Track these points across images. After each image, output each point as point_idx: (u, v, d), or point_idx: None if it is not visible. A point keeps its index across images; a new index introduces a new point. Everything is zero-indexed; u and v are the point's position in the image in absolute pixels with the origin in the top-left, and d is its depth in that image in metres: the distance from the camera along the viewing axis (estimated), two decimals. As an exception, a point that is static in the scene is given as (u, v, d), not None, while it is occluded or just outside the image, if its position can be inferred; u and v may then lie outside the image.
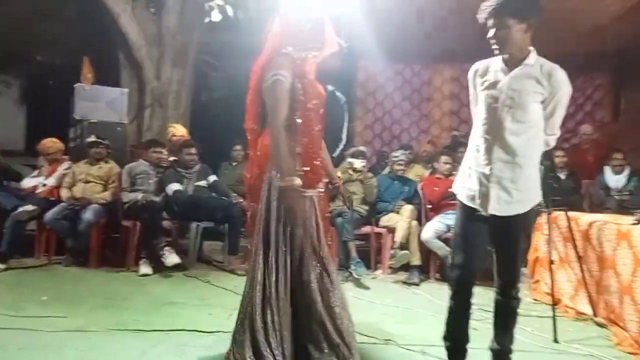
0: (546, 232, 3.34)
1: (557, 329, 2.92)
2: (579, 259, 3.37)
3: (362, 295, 3.98)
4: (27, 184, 5.29)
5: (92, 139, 5.13)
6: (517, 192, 2.12)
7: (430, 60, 7.39)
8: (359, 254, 4.51)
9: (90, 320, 3.07)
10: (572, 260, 3.53)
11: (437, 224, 4.56)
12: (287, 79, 2.21)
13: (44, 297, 3.56)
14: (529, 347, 2.78)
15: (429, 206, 4.93)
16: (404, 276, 4.53)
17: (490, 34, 2.09)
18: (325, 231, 2.37)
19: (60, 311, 3.23)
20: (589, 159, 6.15)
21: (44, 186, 5.16)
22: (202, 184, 5.04)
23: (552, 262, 3.18)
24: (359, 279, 4.33)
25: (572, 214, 3.55)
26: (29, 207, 4.74)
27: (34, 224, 4.90)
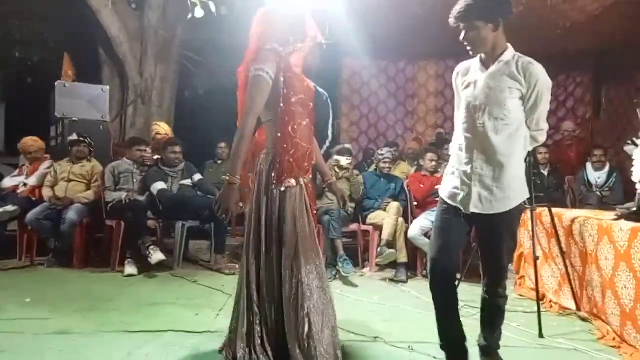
0: (530, 228, 3.39)
1: (542, 324, 2.96)
2: (563, 254, 3.42)
3: (350, 293, 3.99)
4: (8, 183, 5.19)
5: (74, 137, 5.05)
6: (499, 191, 2.12)
7: (414, 57, 7.44)
8: (346, 252, 4.52)
9: (74, 322, 3.03)
10: (556, 255, 3.58)
11: (423, 221, 4.59)
12: (269, 74, 2.22)
13: (26, 299, 3.50)
14: (514, 343, 2.82)
15: (415, 203, 4.97)
16: (391, 274, 4.55)
17: (461, 37, 2.15)
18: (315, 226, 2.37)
19: (43, 313, 3.18)
20: (571, 155, 6.27)
21: (25, 186, 5.07)
22: (187, 182, 4.99)
23: (536, 258, 3.22)
24: (346, 276, 4.33)
25: (555, 210, 3.61)
26: (10, 208, 4.66)
27: (15, 225, 4.82)
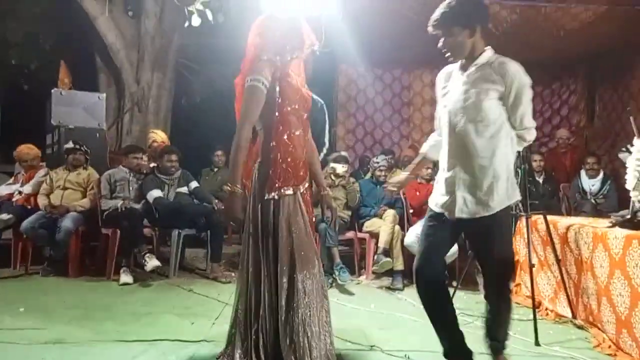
0: (526, 236, 3.40)
1: (538, 332, 2.97)
2: (558, 261, 3.43)
3: (346, 301, 3.99)
4: (3, 191, 5.18)
5: (70, 145, 5.04)
6: (483, 194, 2.12)
7: (410, 65, 7.47)
8: (342, 260, 4.52)
9: (69, 331, 3.01)
10: (551, 263, 3.59)
11: (419, 229, 4.57)
12: (264, 83, 2.24)
13: (21, 309, 3.48)
14: (511, 351, 2.81)
15: (411, 211, 4.97)
16: (388, 281, 4.55)
17: (439, 44, 2.18)
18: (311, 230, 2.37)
19: (38, 323, 3.16)
20: (566, 162, 6.31)
21: (20, 194, 5.06)
22: (184, 190, 4.99)
23: (532, 266, 3.23)
24: (343, 284, 4.33)
25: (550, 217, 3.62)
26: (5, 216, 4.65)
27: (9, 233, 4.80)
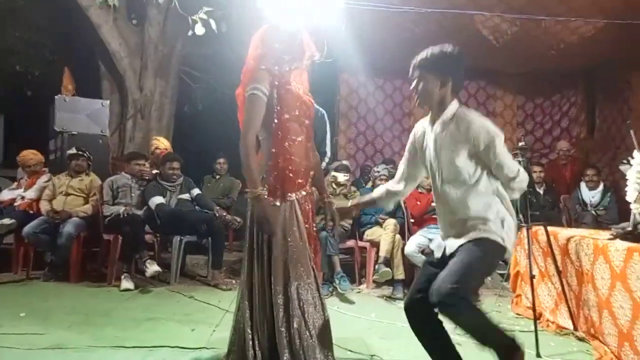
0: (526, 247, 3.40)
1: (539, 344, 2.96)
2: (559, 273, 3.43)
3: (347, 309, 3.98)
4: (5, 196, 5.19)
5: (73, 151, 5.06)
6: (465, 238, 2.12)
7: (410, 77, 7.51)
8: (343, 268, 4.52)
9: (69, 336, 3.01)
10: (552, 274, 3.60)
11: (419, 238, 4.61)
12: (264, 92, 2.27)
13: (21, 314, 3.48)
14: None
15: (412, 220, 4.99)
16: (389, 291, 4.55)
17: (411, 86, 2.21)
18: (311, 242, 2.37)
19: (38, 328, 3.16)
20: (566, 174, 6.33)
21: (22, 199, 5.06)
22: (185, 197, 5.00)
23: (532, 277, 3.24)
24: (343, 293, 4.33)
25: (551, 228, 3.63)
26: (7, 221, 4.65)
27: (11, 238, 4.80)
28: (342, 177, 5.07)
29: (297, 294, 2.22)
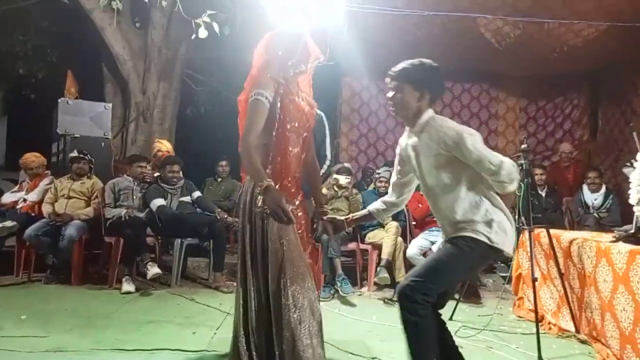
0: (528, 249, 3.39)
1: (541, 346, 2.94)
2: (561, 275, 3.42)
3: (348, 312, 3.98)
4: (8, 199, 5.20)
5: (74, 154, 5.07)
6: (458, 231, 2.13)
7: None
8: (344, 271, 4.52)
9: (70, 339, 3.01)
10: (554, 277, 3.58)
11: (421, 241, 4.60)
12: (267, 99, 2.26)
13: (23, 316, 3.48)
14: (513, 365, 2.81)
15: (414, 223, 4.98)
16: (390, 293, 4.54)
17: (388, 95, 2.22)
18: (305, 248, 2.34)
19: (39, 330, 3.16)
20: (569, 176, 6.31)
21: (24, 201, 5.07)
22: (186, 199, 5.01)
23: (534, 279, 3.22)
24: (345, 296, 4.32)
25: (553, 231, 3.62)
26: (9, 223, 4.65)
27: (13, 240, 4.80)
28: (343, 179, 5.07)
29: (293, 300, 2.18)
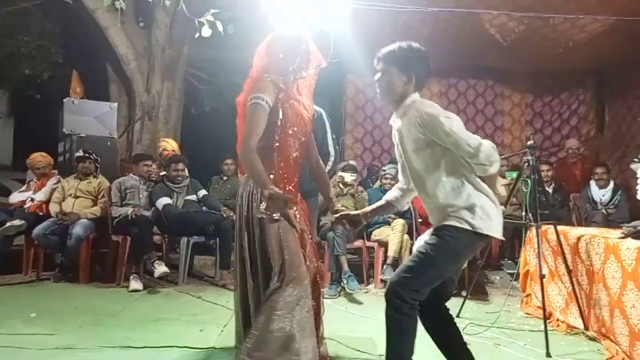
0: (536, 246, 3.38)
1: (549, 343, 2.94)
2: (569, 272, 3.40)
3: (355, 309, 3.98)
4: (15, 198, 5.24)
5: (80, 153, 5.09)
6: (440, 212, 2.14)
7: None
8: (350, 269, 4.51)
9: (79, 337, 3.03)
10: (562, 273, 3.56)
11: (428, 238, 4.58)
12: (268, 103, 2.21)
13: (32, 314, 3.50)
14: (522, 362, 2.80)
15: (420, 220, 4.97)
16: (396, 290, 4.53)
17: (375, 77, 2.20)
18: (305, 247, 2.30)
19: (48, 328, 3.18)
20: (576, 172, 6.27)
21: (32, 201, 5.10)
22: (192, 198, 5.02)
23: (542, 276, 3.21)
24: (351, 293, 4.32)
25: (561, 227, 3.60)
26: (17, 222, 4.67)
27: (21, 239, 4.83)
28: (349, 177, 5.06)
29: (288, 297, 2.12)
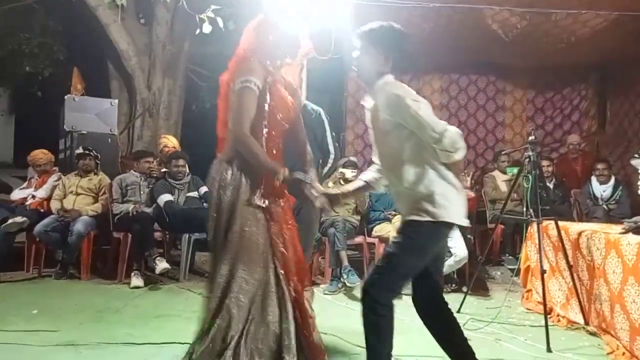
0: (537, 242, 3.37)
1: (549, 338, 2.94)
2: (570, 267, 3.40)
3: (355, 305, 3.96)
4: (17, 195, 5.24)
5: (80, 150, 5.10)
6: (407, 204, 2.10)
7: (419, 71, 7.46)
8: (351, 265, 4.51)
9: (81, 333, 3.04)
10: (563, 269, 3.56)
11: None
12: (257, 87, 2.13)
13: (34, 311, 3.52)
14: (521, 357, 2.81)
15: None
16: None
17: (353, 54, 2.17)
18: (293, 245, 2.26)
19: (50, 325, 3.19)
20: (577, 168, 6.26)
21: (33, 198, 5.11)
22: (194, 195, 5.02)
23: (543, 272, 3.21)
24: (352, 287, 4.33)
25: (561, 223, 3.60)
26: (19, 219, 4.67)
27: (23, 236, 4.84)
28: (350, 173, 5.05)
29: (239, 287, 2.11)
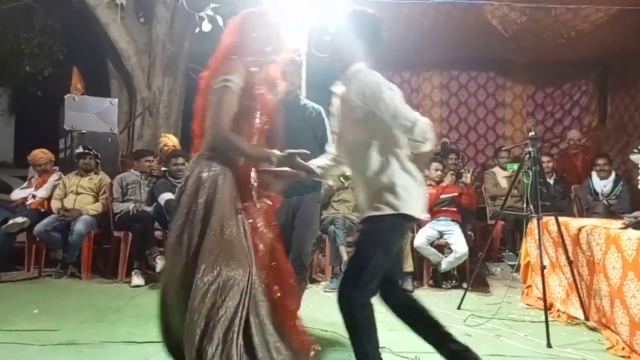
0: (537, 237, 3.37)
1: (550, 334, 2.94)
2: (570, 263, 3.40)
3: (356, 302, 3.97)
4: (17, 195, 5.25)
5: (80, 150, 5.10)
6: (367, 200, 2.11)
7: (419, 67, 7.45)
8: (351, 262, 4.51)
9: (82, 333, 3.05)
10: (563, 264, 3.56)
11: (429, 231, 4.59)
12: (237, 86, 2.06)
13: (34, 310, 3.52)
14: (522, 353, 2.81)
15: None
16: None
17: (327, 37, 2.17)
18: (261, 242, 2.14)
19: (51, 324, 3.19)
20: (577, 164, 6.25)
21: (33, 197, 5.11)
22: (194, 193, 5.01)
23: (543, 267, 3.21)
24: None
25: (562, 218, 3.60)
26: (19, 219, 4.68)
27: (23, 236, 4.84)
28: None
29: (222, 288, 1.94)
